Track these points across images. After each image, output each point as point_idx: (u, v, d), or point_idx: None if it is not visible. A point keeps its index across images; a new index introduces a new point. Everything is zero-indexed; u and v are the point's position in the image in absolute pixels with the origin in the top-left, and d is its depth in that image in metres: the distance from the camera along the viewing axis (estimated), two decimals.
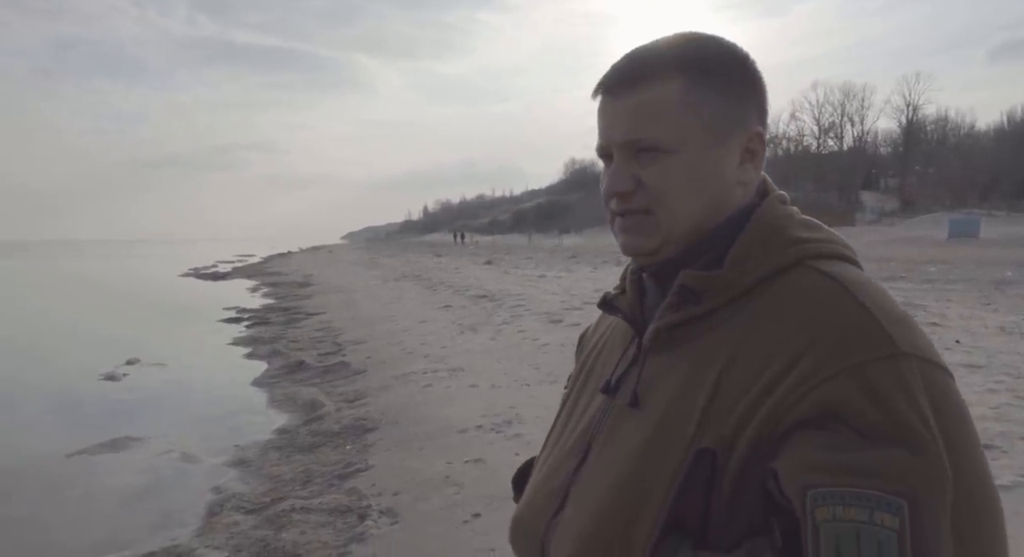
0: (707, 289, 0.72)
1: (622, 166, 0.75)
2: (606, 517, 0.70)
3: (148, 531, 3.98)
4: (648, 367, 0.75)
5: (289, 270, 31.44)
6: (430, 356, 7.93)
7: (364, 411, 5.91)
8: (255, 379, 8.10)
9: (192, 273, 33.64)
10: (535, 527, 0.78)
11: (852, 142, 72.30)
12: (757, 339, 0.67)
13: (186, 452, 5.44)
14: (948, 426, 0.60)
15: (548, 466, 0.83)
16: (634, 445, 0.71)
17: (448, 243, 72.10)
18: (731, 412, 0.65)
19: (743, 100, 0.75)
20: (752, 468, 0.64)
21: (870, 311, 0.65)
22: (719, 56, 0.75)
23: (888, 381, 0.61)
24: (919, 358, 0.63)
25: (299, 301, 16.55)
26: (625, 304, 0.82)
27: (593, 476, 0.74)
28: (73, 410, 7.21)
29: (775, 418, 0.63)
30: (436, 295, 15.18)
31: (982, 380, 5.48)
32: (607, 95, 0.76)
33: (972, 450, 0.62)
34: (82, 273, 38.37)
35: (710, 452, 0.65)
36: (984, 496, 0.61)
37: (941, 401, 0.62)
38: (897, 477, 0.58)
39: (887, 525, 0.56)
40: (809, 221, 0.77)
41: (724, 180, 0.74)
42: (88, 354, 10.28)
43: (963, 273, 16.25)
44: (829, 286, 0.68)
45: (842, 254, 0.74)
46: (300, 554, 3.36)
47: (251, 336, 11.56)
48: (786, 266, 0.71)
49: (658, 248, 0.75)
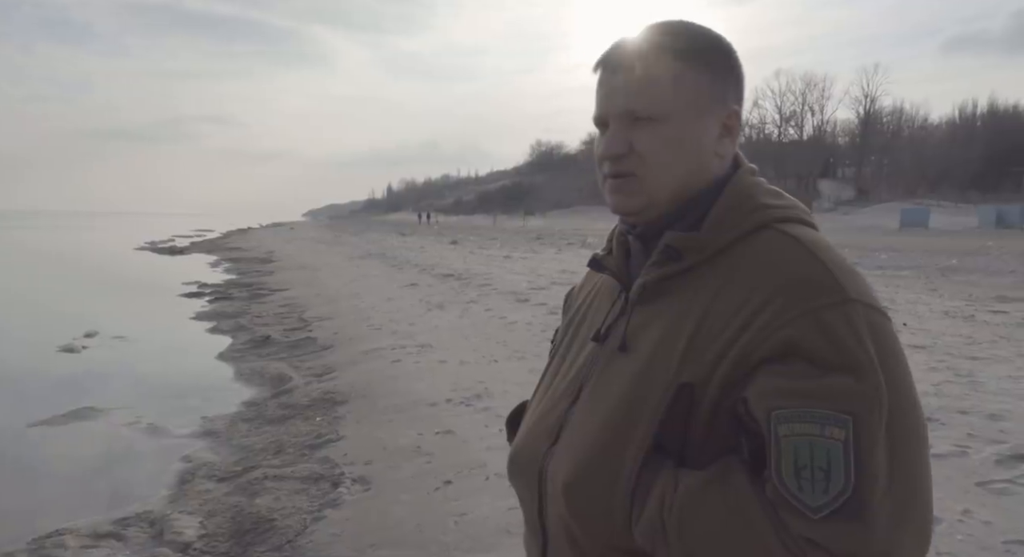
0: (688, 248, 0.83)
1: (618, 132, 0.85)
2: (599, 442, 0.81)
3: (119, 499, 3.99)
4: (635, 317, 0.86)
5: (250, 246, 30.92)
6: (398, 332, 7.99)
7: (333, 385, 5.96)
8: (220, 353, 8.06)
9: (148, 247, 32.84)
10: (534, 458, 0.89)
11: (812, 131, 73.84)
12: (730, 290, 0.79)
13: (152, 423, 5.43)
14: (886, 359, 0.73)
15: (542, 407, 0.93)
16: (623, 382, 0.82)
17: (413, 223, 71.52)
18: (708, 352, 0.77)
19: (724, 82, 0.87)
20: (726, 399, 0.76)
21: (825, 265, 0.78)
22: (708, 43, 0.87)
23: (839, 322, 0.73)
24: (864, 304, 0.76)
25: (262, 277, 16.36)
26: (612, 263, 0.93)
27: (585, 412, 0.85)
28: (30, 382, 7.08)
29: (745, 355, 0.75)
30: (402, 273, 15.18)
31: (925, 359, 5.80)
32: (607, 70, 0.87)
33: (905, 380, 0.75)
34: (32, 245, 37.04)
35: (689, 386, 0.77)
36: (912, 416, 0.75)
37: (881, 339, 0.75)
38: (844, 399, 0.71)
39: (835, 437, 0.70)
40: (775, 190, 0.90)
41: (704, 151, 0.86)
42: (44, 327, 10.05)
43: (912, 260, 16.91)
44: (791, 244, 0.80)
45: (802, 218, 0.87)
46: (274, 518, 3.43)
47: (214, 311, 11.43)
48: (755, 228, 0.83)
49: (643, 208, 0.86)
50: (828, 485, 0.69)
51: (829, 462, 0.69)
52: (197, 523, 3.48)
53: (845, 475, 0.69)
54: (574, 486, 0.81)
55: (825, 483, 0.69)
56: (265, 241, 35.17)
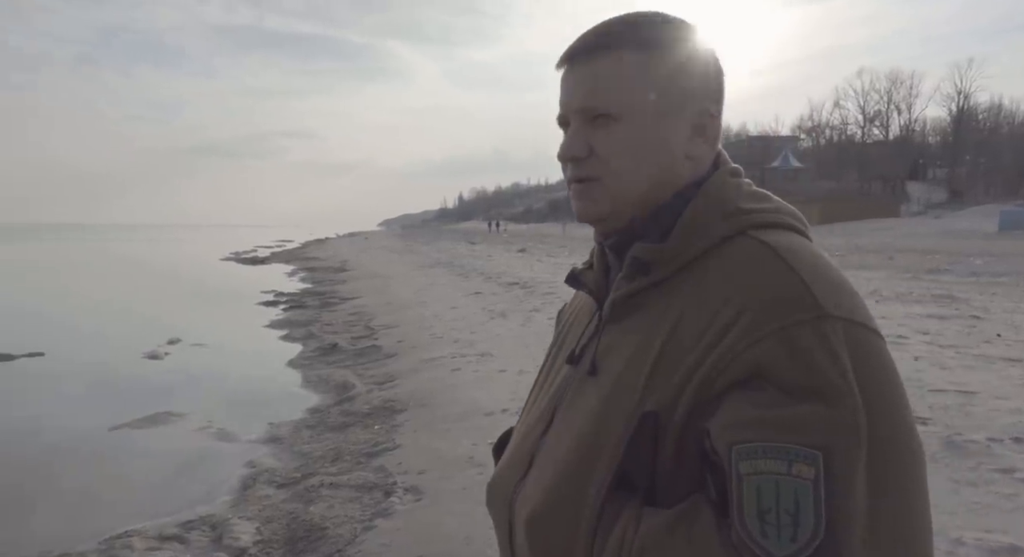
0: (656, 260, 0.76)
1: (577, 132, 0.78)
2: (562, 476, 0.74)
3: (186, 501, 4.14)
4: (605, 337, 0.79)
5: (326, 256, 31.94)
6: (459, 341, 8.02)
7: (393, 393, 6.03)
8: (290, 360, 8.30)
9: (233, 257, 34.42)
10: (505, 490, 0.83)
11: (898, 131, 70.16)
12: (696, 307, 0.71)
13: (222, 428, 5.63)
14: (868, 383, 0.63)
15: (519, 433, 0.88)
16: (590, 409, 0.75)
17: (482, 231, 72.25)
18: (672, 376, 0.69)
19: (693, 77, 0.78)
20: (692, 429, 0.67)
21: (800, 276, 0.68)
22: (673, 34, 0.78)
23: (811, 341, 0.64)
24: (845, 320, 0.66)
25: (334, 286, 16.84)
26: (591, 278, 0.86)
27: (555, 440, 0.79)
28: (117, 387, 7.49)
29: (709, 381, 0.67)
30: (468, 282, 15.29)
31: (1020, 374, 5.34)
32: (567, 65, 0.80)
33: (891, 406, 0.65)
34: (128, 256, 39.54)
35: (653, 415, 0.69)
36: (901, 448, 0.64)
37: (863, 359, 0.65)
38: (814, 430, 0.61)
39: (804, 475, 0.60)
40: (758, 193, 0.80)
41: (671, 152, 0.78)
42: (133, 334, 10.62)
43: (1011, 266, 15.71)
44: (764, 254, 0.71)
45: (786, 223, 0.77)
46: (327, 526, 3.47)
47: (287, 319, 11.82)
48: (729, 236, 0.74)
49: (607, 215, 0.79)
50: (796, 531, 0.60)
51: (797, 504, 0.60)
52: (254, 529, 3.56)
53: (815, 519, 0.60)
54: (536, 521, 0.75)
55: (793, 529, 0.60)
56: (340, 251, 36.25)
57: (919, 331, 7.19)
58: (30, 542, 3.65)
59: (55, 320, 12.71)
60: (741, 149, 72.11)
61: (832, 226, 34.37)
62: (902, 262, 17.11)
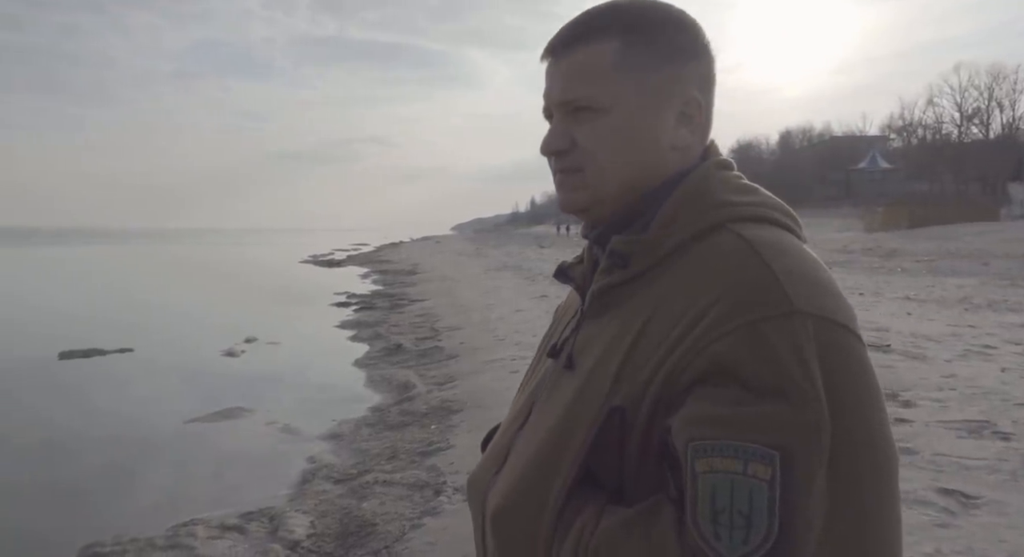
0: (633, 252, 0.74)
1: (559, 125, 0.77)
2: (529, 470, 0.73)
3: (247, 493, 4.31)
4: (584, 330, 0.78)
5: (399, 259, 32.68)
6: (521, 344, 8.02)
7: (452, 394, 6.09)
8: (356, 360, 8.53)
9: (311, 260, 35.72)
10: (481, 484, 0.82)
11: (1000, 129, 65.63)
12: (671, 299, 0.69)
13: (288, 424, 5.83)
14: (836, 382, 0.61)
15: (501, 429, 0.87)
16: (563, 403, 0.74)
17: (552, 235, 72.18)
18: (641, 371, 0.67)
19: (679, 64, 0.75)
20: (657, 425, 0.66)
21: (773, 271, 0.65)
22: (656, 20, 0.76)
23: (778, 338, 0.61)
24: (817, 317, 0.63)
25: (404, 288, 17.20)
26: (578, 273, 0.85)
27: (529, 434, 0.78)
28: (194, 382, 7.91)
29: (675, 376, 0.65)
30: (534, 285, 15.31)
31: None
32: (550, 57, 0.78)
33: (860, 406, 0.61)
34: (215, 259, 41.68)
35: (620, 409, 0.67)
36: (869, 453, 0.61)
37: (834, 359, 0.62)
38: (773, 429, 0.59)
39: (759, 475, 0.58)
40: (745, 186, 0.77)
41: (656, 143, 0.75)
42: (214, 332, 11.17)
43: None
44: (740, 248, 0.68)
45: (771, 217, 0.74)
46: (377, 523, 3.54)
47: (357, 320, 12.15)
48: (708, 229, 0.72)
49: (589, 206, 0.78)
50: (748, 533, 0.58)
51: (751, 505, 0.58)
52: (308, 522, 3.67)
53: (769, 521, 0.57)
54: (501, 514, 0.74)
55: (745, 530, 0.58)
56: (412, 254, 37.01)
57: (1011, 341, 6.70)
58: (106, 526, 3.88)
59: (146, 319, 13.51)
60: (824, 150, 69.29)
61: (922, 230, 32.53)
62: (999, 268, 15.98)
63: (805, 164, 67.00)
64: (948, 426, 4.16)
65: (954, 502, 3.11)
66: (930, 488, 3.24)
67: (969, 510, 3.03)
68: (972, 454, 3.69)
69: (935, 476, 3.41)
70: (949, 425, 4.18)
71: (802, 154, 71.94)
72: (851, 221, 41.05)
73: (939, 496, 3.16)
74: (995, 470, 3.47)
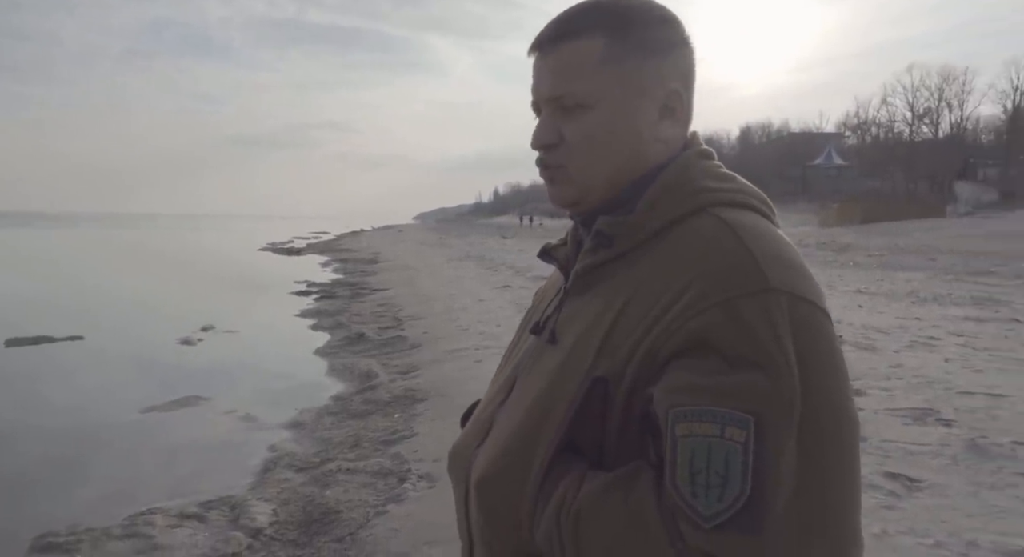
0: (618, 233, 0.77)
1: (547, 120, 0.80)
2: (513, 440, 0.77)
3: (208, 483, 4.25)
4: (567, 307, 0.81)
5: (359, 248, 32.32)
6: (484, 333, 8.05)
7: (415, 383, 6.09)
8: (318, 348, 8.44)
9: (269, 248, 35.07)
10: (464, 456, 0.85)
11: (949, 129, 67.79)
12: (653, 278, 0.73)
13: (248, 413, 5.75)
14: (806, 355, 0.66)
15: (483, 403, 0.90)
16: (546, 376, 0.77)
17: (515, 225, 72.24)
18: (623, 344, 0.71)
19: (661, 58, 0.79)
20: (638, 396, 0.69)
21: (751, 252, 0.70)
22: (640, 15, 0.79)
23: (754, 313, 0.66)
24: (790, 294, 0.68)
25: (365, 277, 17.04)
26: (562, 254, 0.89)
27: (512, 406, 0.81)
28: (150, 370, 7.72)
29: (656, 348, 0.69)
30: (496, 275, 15.34)
31: None
32: (537, 53, 0.81)
33: (827, 378, 0.66)
34: (169, 245, 40.58)
35: (603, 380, 0.71)
36: (834, 422, 0.65)
37: (805, 334, 0.67)
38: (749, 397, 0.64)
39: (735, 439, 0.62)
40: (724, 174, 0.81)
41: (640, 136, 0.79)
42: (169, 320, 10.91)
43: None
44: (720, 229, 0.73)
45: (749, 203, 0.78)
46: (340, 510, 3.53)
47: (317, 308, 12.01)
48: (690, 212, 0.76)
49: (577, 199, 0.82)
50: (723, 491, 0.62)
51: (727, 466, 0.63)
52: (271, 510, 3.64)
53: (742, 481, 0.62)
54: (485, 483, 0.77)
55: (721, 489, 0.63)
56: (374, 243, 36.65)
57: (954, 333, 6.99)
58: (59, 517, 3.79)
59: (97, 306, 13.12)
60: (782, 146, 70.71)
61: (874, 226, 33.56)
62: (944, 263, 16.61)
63: (764, 159, 68.23)
64: (895, 413, 4.35)
65: (899, 485, 3.26)
66: (877, 472, 3.38)
67: (913, 492, 3.18)
68: (917, 440, 3.87)
69: (882, 461, 3.56)
70: (896, 412, 4.36)
71: (761, 150, 73.34)
72: (807, 216, 42.12)
73: (886, 480, 3.31)
74: (938, 455, 3.64)
